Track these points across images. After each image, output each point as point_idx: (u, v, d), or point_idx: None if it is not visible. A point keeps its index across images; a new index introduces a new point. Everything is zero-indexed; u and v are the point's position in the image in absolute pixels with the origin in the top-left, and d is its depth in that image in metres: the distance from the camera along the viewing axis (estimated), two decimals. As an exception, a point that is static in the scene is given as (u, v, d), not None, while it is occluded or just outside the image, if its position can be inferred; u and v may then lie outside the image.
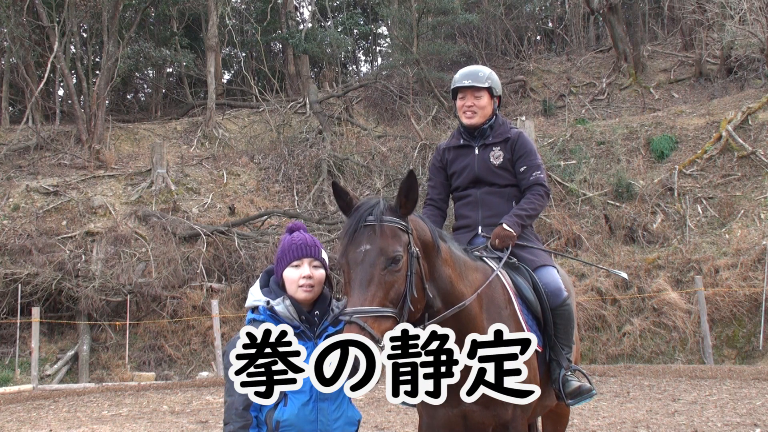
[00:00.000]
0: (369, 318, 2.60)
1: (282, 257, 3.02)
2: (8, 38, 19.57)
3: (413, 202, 2.93)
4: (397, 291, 2.75)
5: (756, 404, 8.22)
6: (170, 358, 13.50)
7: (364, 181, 18.11)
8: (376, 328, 2.59)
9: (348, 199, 2.95)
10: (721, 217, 14.38)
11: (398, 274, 2.76)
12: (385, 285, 2.71)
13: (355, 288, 2.70)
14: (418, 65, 22.01)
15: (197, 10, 24.69)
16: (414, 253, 2.85)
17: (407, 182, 2.91)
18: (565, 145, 17.53)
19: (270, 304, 2.92)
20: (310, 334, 2.90)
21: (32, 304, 12.86)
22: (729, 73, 21.27)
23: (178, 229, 15.14)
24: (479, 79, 3.99)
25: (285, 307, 2.90)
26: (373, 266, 2.72)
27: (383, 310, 2.66)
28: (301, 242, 3.02)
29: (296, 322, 2.89)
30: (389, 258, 2.74)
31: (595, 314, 12.81)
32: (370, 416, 8.46)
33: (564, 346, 3.58)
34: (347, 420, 2.93)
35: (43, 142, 18.77)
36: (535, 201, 3.88)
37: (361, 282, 2.70)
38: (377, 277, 2.71)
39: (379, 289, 2.69)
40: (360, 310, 2.61)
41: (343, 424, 2.91)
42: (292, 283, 2.95)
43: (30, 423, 9.20)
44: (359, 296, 2.66)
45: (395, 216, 2.88)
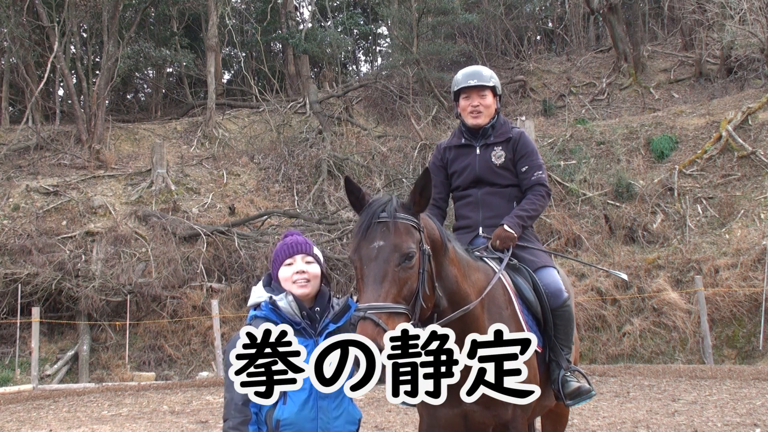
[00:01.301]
0: (383, 314, 2.60)
1: (276, 259, 3.07)
2: (8, 38, 19.56)
3: (426, 200, 2.92)
4: (410, 288, 2.75)
5: (756, 404, 8.22)
6: (170, 358, 13.50)
7: (364, 181, 18.11)
8: (390, 324, 2.59)
9: (360, 195, 2.95)
10: (721, 217, 14.39)
11: (411, 271, 2.76)
12: (398, 281, 2.71)
13: (368, 284, 2.69)
14: (418, 65, 22.01)
15: (197, 10, 24.68)
16: (426, 251, 2.86)
17: (422, 180, 2.90)
18: (565, 145, 17.53)
19: (273, 298, 2.94)
20: (311, 331, 2.91)
21: (32, 304, 12.86)
22: (729, 73, 21.27)
23: (178, 229, 15.14)
24: (484, 79, 3.99)
25: (287, 303, 2.91)
26: (386, 262, 2.71)
27: (397, 306, 2.66)
28: (292, 242, 3.07)
29: (297, 318, 2.90)
30: (403, 254, 2.74)
31: (595, 314, 12.81)
32: (370, 416, 8.46)
33: (564, 346, 3.59)
34: (348, 419, 2.93)
35: (43, 142, 18.77)
36: (537, 202, 3.88)
37: (375, 278, 2.69)
38: (391, 273, 2.70)
39: (392, 285, 2.69)
40: (374, 306, 2.61)
41: (344, 423, 2.91)
42: (287, 280, 2.98)
43: (30, 423, 9.20)
44: (373, 292, 2.66)
45: (408, 213, 2.88)
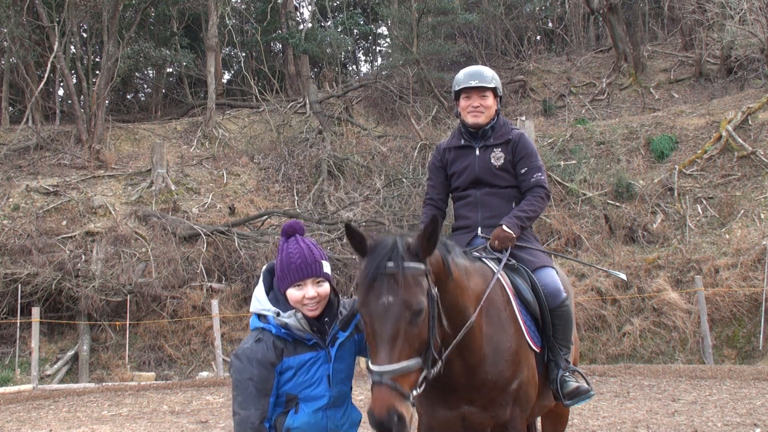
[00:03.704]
0: (398, 376, 2.58)
1: (283, 277, 2.87)
2: (8, 38, 19.57)
3: (434, 246, 2.81)
4: (421, 340, 2.70)
5: (756, 404, 8.22)
6: (170, 358, 13.49)
7: (364, 181, 18.11)
8: (406, 384, 2.58)
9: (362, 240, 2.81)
10: (721, 217, 14.38)
11: (422, 324, 2.70)
12: (410, 338, 2.65)
13: (381, 345, 2.63)
14: (418, 65, 22.01)
15: (197, 10, 24.69)
16: (434, 296, 2.79)
17: (431, 227, 2.77)
18: (565, 145, 17.53)
19: (281, 316, 2.82)
20: (322, 344, 2.87)
21: (32, 304, 12.85)
22: (729, 73, 21.27)
23: (178, 229, 15.14)
24: (485, 79, 3.99)
25: (297, 320, 2.81)
26: (398, 320, 2.63)
27: (411, 364, 2.62)
28: (301, 261, 2.84)
29: (309, 335, 2.84)
30: (414, 312, 2.66)
31: (595, 314, 12.81)
32: (370, 416, 8.44)
33: (562, 346, 3.58)
34: (351, 422, 2.95)
35: (43, 142, 18.77)
36: (536, 203, 3.88)
37: (387, 338, 2.62)
38: (402, 331, 2.63)
39: (405, 344, 2.63)
40: (389, 370, 2.57)
41: (348, 427, 2.93)
42: (297, 302, 2.85)
43: (30, 423, 9.20)
44: (385, 354, 2.60)
45: (415, 260, 2.75)
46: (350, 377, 2.96)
